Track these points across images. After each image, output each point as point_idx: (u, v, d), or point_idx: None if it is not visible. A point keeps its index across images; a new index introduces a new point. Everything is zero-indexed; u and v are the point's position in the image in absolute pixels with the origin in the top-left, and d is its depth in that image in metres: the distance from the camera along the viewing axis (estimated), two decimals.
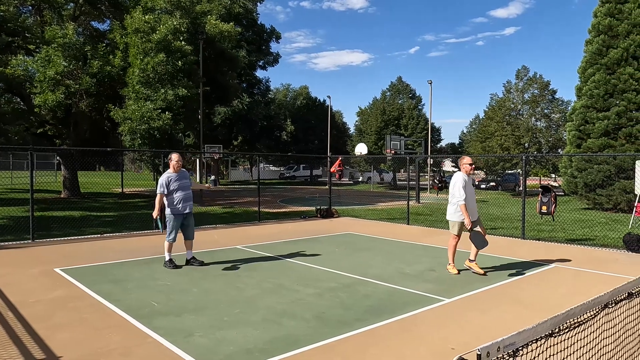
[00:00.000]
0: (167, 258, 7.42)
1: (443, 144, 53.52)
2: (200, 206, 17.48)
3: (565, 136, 22.78)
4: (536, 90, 34.03)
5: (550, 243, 10.30)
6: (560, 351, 2.13)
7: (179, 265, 7.41)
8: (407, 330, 4.67)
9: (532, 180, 38.09)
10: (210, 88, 24.10)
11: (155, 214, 7.43)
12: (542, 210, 10.45)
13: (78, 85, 17.33)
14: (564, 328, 1.95)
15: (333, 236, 11.08)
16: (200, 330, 4.61)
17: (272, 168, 59.42)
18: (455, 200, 7.01)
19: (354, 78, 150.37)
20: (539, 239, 10.77)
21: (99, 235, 10.60)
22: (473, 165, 7.25)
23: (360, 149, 30.08)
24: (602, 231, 12.24)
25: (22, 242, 9.47)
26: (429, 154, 35.15)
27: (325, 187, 19.68)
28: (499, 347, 1.59)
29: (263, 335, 4.49)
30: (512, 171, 36.35)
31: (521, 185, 12.98)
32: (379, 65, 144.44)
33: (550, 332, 1.87)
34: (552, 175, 38.19)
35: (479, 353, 1.52)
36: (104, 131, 22.24)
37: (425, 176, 38.21)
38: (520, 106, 34.76)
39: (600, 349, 2.59)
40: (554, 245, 9.97)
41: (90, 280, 6.45)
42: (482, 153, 34.20)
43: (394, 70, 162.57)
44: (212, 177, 39.15)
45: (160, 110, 17.16)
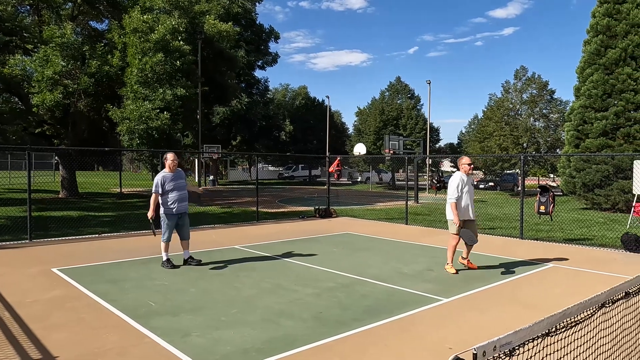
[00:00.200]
0: (165, 258, 7.41)
1: (442, 144, 53.63)
2: (199, 206, 17.46)
3: (564, 136, 22.81)
4: (535, 91, 34.10)
5: (548, 243, 10.31)
6: (557, 350, 2.12)
7: (177, 265, 7.40)
8: (406, 330, 4.67)
9: (531, 180, 38.12)
10: (209, 88, 24.09)
11: (150, 215, 7.41)
12: (540, 210, 10.46)
13: (76, 85, 17.30)
14: (561, 327, 1.95)
15: (331, 236, 11.08)
16: (198, 330, 4.60)
17: (271, 168, 59.40)
18: (448, 199, 7.10)
19: (352, 78, 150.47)
20: (537, 239, 10.77)
21: (96, 235, 10.58)
22: (472, 165, 7.29)
23: (359, 149, 30.08)
24: (600, 231, 12.25)
25: (20, 242, 9.45)
26: (428, 154, 35.17)
27: (324, 187, 19.68)
28: (495, 347, 1.59)
29: (260, 335, 4.48)
30: (511, 171, 36.40)
31: (520, 185, 12.99)
32: (378, 65, 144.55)
33: (546, 332, 1.87)
34: (551, 175, 38.25)
35: (475, 352, 1.51)
36: (102, 131, 22.20)
37: (424, 176, 38.21)
38: (518, 106, 34.82)
39: (597, 348, 2.59)
40: (552, 245, 9.97)
41: (88, 280, 6.43)
42: (481, 153, 34.24)
43: (393, 71, 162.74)
44: (211, 177, 39.14)
45: (158, 110, 17.14)
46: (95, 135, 21.91)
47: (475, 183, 38.71)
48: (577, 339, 2.31)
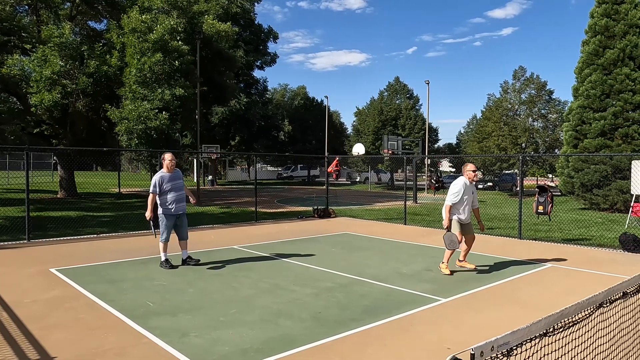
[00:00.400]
0: (163, 258, 7.41)
1: (440, 144, 53.65)
2: (197, 206, 17.44)
3: (562, 136, 22.84)
4: (533, 91, 34.13)
5: (546, 243, 10.32)
6: (555, 351, 2.13)
7: (175, 266, 7.40)
8: (404, 330, 4.67)
9: (529, 181, 38.16)
10: (208, 88, 24.04)
11: (148, 215, 7.39)
12: (539, 210, 10.48)
13: (75, 85, 17.28)
14: (558, 327, 1.95)
15: (330, 236, 11.08)
16: (196, 330, 4.59)
17: (270, 168, 59.40)
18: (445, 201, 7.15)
19: (351, 78, 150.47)
20: (535, 239, 10.78)
21: (95, 236, 10.57)
22: (476, 172, 7.31)
23: (358, 149, 30.10)
24: (599, 231, 12.27)
25: (18, 242, 9.43)
26: (427, 154, 35.19)
27: (323, 187, 19.67)
28: (492, 347, 1.59)
29: (259, 335, 4.48)
30: (509, 171, 36.43)
31: (518, 186, 13.00)
32: (377, 65, 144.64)
33: (544, 332, 1.87)
34: (549, 176, 38.28)
35: (473, 353, 1.51)
36: (100, 131, 22.18)
37: (422, 176, 38.22)
38: (517, 106, 34.86)
39: (595, 348, 2.59)
40: (551, 245, 9.99)
41: (86, 281, 6.42)
42: (480, 153, 34.27)
43: (392, 71, 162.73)
44: (210, 177, 39.12)
45: (157, 110, 17.13)
46: (93, 135, 21.88)
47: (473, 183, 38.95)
48: (575, 339, 2.32)
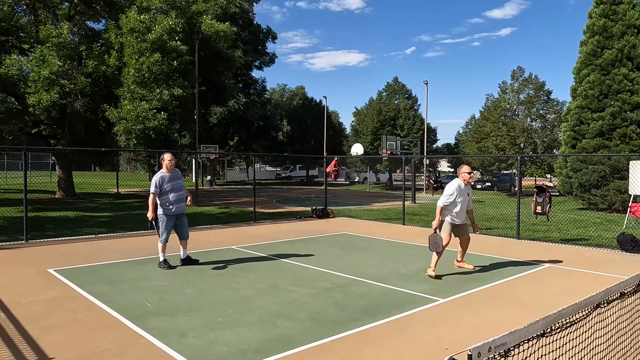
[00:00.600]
0: (162, 259, 7.40)
1: (439, 144, 53.72)
2: (196, 206, 17.43)
3: (561, 137, 22.88)
4: (531, 91, 34.20)
5: (545, 243, 10.33)
6: (552, 351, 2.13)
7: (173, 266, 7.39)
8: (402, 331, 4.67)
9: (528, 181, 38.21)
10: (206, 88, 24.02)
11: (150, 216, 7.38)
12: (537, 211, 10.49)
13: (73, 85, 17.24)
14: (556, 328, 1.95)
15: (329, 236, 11.08)
16: (194, 330, 4.59)
17: (269, 168, 59.39)
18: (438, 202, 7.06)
19: (350, 78, 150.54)
20: (534, 239, 10.80)
21: (93, 236, 10.56)
22: (471, 175, 7.19)
23: (357, 149, 30.09)
24: (597, 231, 12.29)
25: (16, 243, 9.42)
26: (425, 154, 35.21)
27: (322, 188, 19.68)
28: (490, 348, 1.59)
29: (257, 335, 4.48)
30: (508, 171, 36.48)
31: (517, 186, 13.02)
32: (376, 65, 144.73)
33: (542, 332, 1.87)
34: (548, 176, 38.34)
35: (470, 353, 1.52)
36: (99, 131, 22.13)
37: (421, 176, 38.25)
38: (515, 107, 34.91)
39: (592, 348, 2.60)
40: (549, 245, 10.00)
41: (84, 281, 6.41)
42: (478, 153, 34.30)
43: (390, 71, 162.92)
44: (208, 178, 39.08)
45: (155, 110, 17.10)
46: (92, 135, 21.83)
47: (472, 183, 39.05)
48: (573, 340, 2.32)
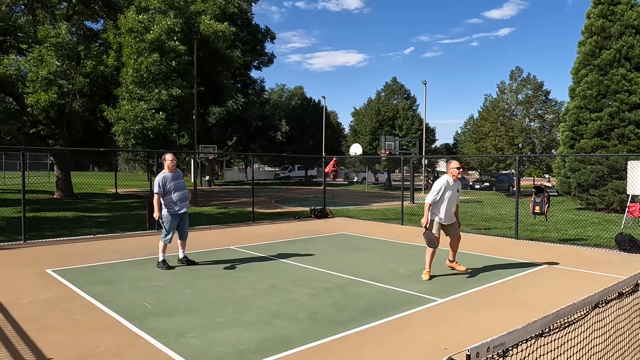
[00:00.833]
0: (161, 259, 7.39)
1: (438, 144, 53.70)
2: (194, 206, 17.42)
3: (559, 137, 22.91)
4: (530, 91, 34.25)
5: (543, 243, 10.34)
6: (551, 351, 2.13)
7: (172, 266, 7.38)
8: (401, 331, 4.68)
9: (526, 181, 38.26)
10: (205, 88, 24.01)
11: (156, 215, 7.36)
12: (535, 211, 10.50)
13: (71, 85, 17.21)
14: (554, 328, 1.95)
15: (327, 236, 11.08)
16: (193, 331, 4.59)
17: (267, 168, 59.38)
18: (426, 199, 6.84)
19: (349, 78, 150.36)
20: (532, 239, 10.81)
21: (92, 236, 10.54)
22: (460, 170, 6.88)
23: (355, 150, 30.09)
24: (595, 231, 12.31)
25: (14, 243, 9.40)
26: (424, 154, 35.24)
27: (320, 188, 19.68)
28: (488, 348, 1.59)
29: (256, 336, 4.47)
30: (506, 171, 36.53)
31: (515, 186, 13.04)
32: (374, 65, 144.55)
33: (540, 332, 1.88)
34: (546, 176, 38.39)
35: (469, 353, 1.52)
36: (97, 131, 22.11)
37: (419, 177, 38.28)
38: (514, 107, 34.96)
39: (590, 348, 2.60)
40: (547, 246, 10.01)
41: (83, 281, 6.40)
42: (477, 153, 34.34)
43: (389, 71, 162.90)
44: (207, 178, 39.06)
45: (154, 111, 17.08)
46: (90, 135, 21.81)
47: (470, 183, 38.69)
48: (571, 340, 2.32)
